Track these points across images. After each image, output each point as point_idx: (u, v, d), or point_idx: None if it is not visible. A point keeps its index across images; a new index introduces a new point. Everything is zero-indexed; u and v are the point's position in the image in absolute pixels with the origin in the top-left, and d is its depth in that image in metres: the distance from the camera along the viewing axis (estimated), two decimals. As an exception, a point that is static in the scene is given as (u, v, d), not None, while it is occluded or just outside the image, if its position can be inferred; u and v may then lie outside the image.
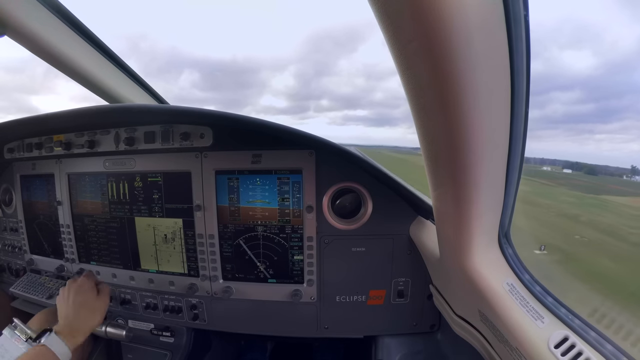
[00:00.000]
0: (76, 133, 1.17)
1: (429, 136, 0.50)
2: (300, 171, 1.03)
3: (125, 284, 1.24)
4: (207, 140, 1.04)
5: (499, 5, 0.37)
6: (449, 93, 0.40)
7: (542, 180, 2.43)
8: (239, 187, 1.07)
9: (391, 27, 0.36)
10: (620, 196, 1.79)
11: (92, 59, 1.23)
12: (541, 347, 0.56)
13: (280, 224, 1.08)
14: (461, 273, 0.70)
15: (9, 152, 1.30)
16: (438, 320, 1.12)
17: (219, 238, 1.10)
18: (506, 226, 0.69)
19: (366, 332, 1.17)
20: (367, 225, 1.06)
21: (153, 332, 1.29)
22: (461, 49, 0.35)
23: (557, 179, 2.52)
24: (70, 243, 1.28)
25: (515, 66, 0.43)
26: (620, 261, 1.37)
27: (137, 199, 1.15)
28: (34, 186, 1.34)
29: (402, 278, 1.09)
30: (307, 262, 1.08)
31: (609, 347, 0.54)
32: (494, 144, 0.50)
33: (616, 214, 1.77)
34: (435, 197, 0.64)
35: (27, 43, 1.02)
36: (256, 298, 1.14)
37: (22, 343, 0.90)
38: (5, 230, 1.47)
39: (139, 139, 1.09)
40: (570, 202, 2.21)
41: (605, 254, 1.49)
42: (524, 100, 0.49)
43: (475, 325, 0.80)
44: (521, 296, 0.63)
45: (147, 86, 1.57)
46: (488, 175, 0.53)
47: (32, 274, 1.41)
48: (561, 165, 2.58)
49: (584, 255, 1.57)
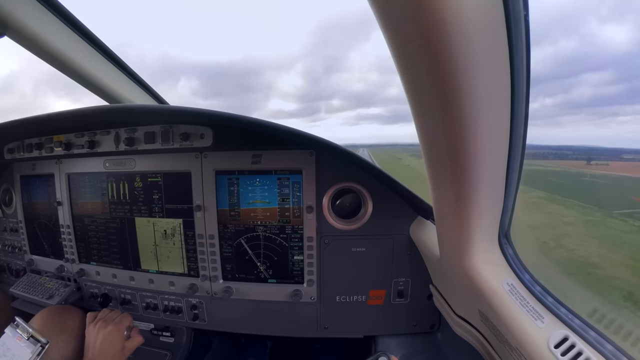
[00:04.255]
0: (76, 133, 1.17)
1: (429, 136, 0.50)
2: (300, 171, 1.03)
3: (126, 284, 1.24)
4: (207, 141, 1.04)
5: (499, 5, 0.37)
6: (449, 93, 0.40)
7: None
8: (239, 188, 1.07)
9: (391, 27, 0.36)
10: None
11: (92, 59, 1.23)
12: (541, 347, 0.56)
13: (281, 224, 1.08)
14: (461, 273, 0.70)
15: (9, 152, 1.30)
16: (438, 320, 1.12)
17: (219, 238, 1.10)
18: (506, 226, 0.69)
19: (366, 332, 1.17)
20: (367, 225, 1.06)
21: (153, 332, 1.30)
22: (461, 49, 0.36)
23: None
24: (70, 243, 1.28)
25: (515, 66, 0.43)
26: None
27: (137, 199, 1.15)
28: (34, 186, 1.34)
29: (402, 278, 1.09)
30: (307, 262, 1.08)
31: (609, 347, 0.54)
32: (494, 144, 0.50)
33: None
34: (435, 197, 0.64)
35: (27, 43, 1.02)
36: (256, 298, 1.14)
37: (23, 341, 0.90)
38: (5, 231, 1.47)
39: (139, 139, 1.09)
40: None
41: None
42: (524, 100, 0.49)
43: (476, 325, 0.81)
44: (521, 296, 0.63)
45: (147, 86, 1.57)
46: (488, 175, 0.53)
47: (32, 274, 1.41)
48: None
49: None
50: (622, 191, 2.48)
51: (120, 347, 1.00)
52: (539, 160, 3.48)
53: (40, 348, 0.90)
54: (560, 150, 2.67)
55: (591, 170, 3.77)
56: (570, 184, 3.97)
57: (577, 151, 4.02)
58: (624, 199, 2.34)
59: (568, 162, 4.35)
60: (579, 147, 4.06)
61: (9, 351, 0.89)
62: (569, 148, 3.15)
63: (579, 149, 3.91)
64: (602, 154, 3.78)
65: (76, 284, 1.31)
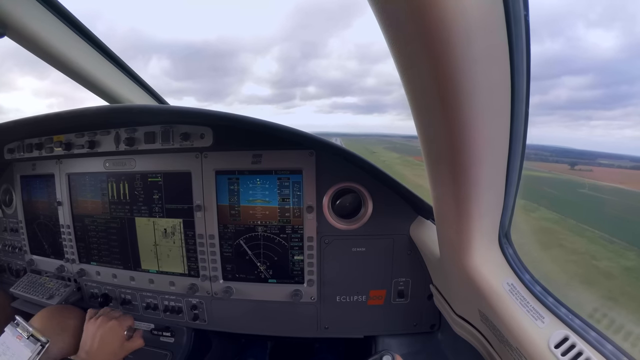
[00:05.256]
0: (76, 133, 1.17)
1: (430, 136, 0.50)
2: (300, 171, 1.03)
3: (126, 284, 1.24)
4: (207, 141, 1.04)
5: (499, 5, 0.37)
6: (449, 93, 0.40)
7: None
8: (239, 188, 1.07)
9: (391, 27, 0.36)
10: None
11: (92, 59, 1.23)
12: (541, 347, 0.56)
13: (281, 224, 1.08)
14: (461, 273, 0.70)
15: (9, 152, 1.30)
16: (438, 320, 1.12)
17: (219, 238, 1.10)
18: (506, 226, 0.69)
19: (366, 332, 1.17)
20: (367, 225, 1.06)
21: (153, 332, 1.30)
22: (461, 49, 0.35)
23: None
24: (70, 243, 1.28)
25: (515, 66, 0.43)
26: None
27: (138, 199, 1.15)
28: (34, 186, 1.34)
29: (402, 278, 1.09)
30: (307, 262, 1.08)
31: (609, 347, 0.54)
32: (494, 143, 0.50)
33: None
34: (435, 197, 0.64)
35: (27, 43, 1.02)
36: (256, 298, 1.14)
37: (23, 340, 0.90)
38: (5, 231, 1.47)
39: (139, 139, 1.09)
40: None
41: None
42: (524, 100, 0.49)
43: (476, 325, 0.81)
44: (521, 296, 0.63)
45: (147, 86, 1.57)
46: (488, 175, 0.53)
47: (32, 274, 1.41)
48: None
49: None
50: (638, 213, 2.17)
51: (119, 345, 1.00)
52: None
53: (40, 347, 0.90)
54: (538, 151, 2.36)
55: (582, 178, 3.45)
56: (571, 198, 3.59)
57: (555, 152, 3.82)
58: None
59: (550, 165, 4.02)
60: (554, 148, 3.76)
61: (8, 350, 0.89)
62: (545, 148, 2.93)
63: (555, 149, 3.70)
64: (579, 156, 3.57)
65: (76, 284, 1.31)
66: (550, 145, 5.30)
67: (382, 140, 40.56)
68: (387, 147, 37.96)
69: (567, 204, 3.33)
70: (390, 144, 35.74)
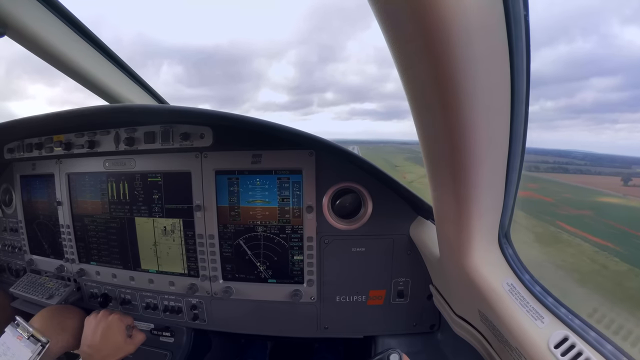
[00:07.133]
0: (76, 133, 1.17)
1: (429, 136, 0.50)
2: (300, 171, 1.03)
3: (126, 284, 1.24)
4: (207, 141, 1.04)
5: (499, 5, 0.37)
6: (449, 93, 0.40)
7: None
8: (239, 187, 1.07)
9: (391, 27, 0.36)
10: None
11: (92, 58, 1.23)
12: (541, 347, 0.56)
13: (280, 224, 1.08)
14: (461, 273, 0.70)
15: (9, 152, 1.30)
16: (438, 320, 1.12)
17: (219, 238, 1.10)
18: (506, 226, 0.69)
19: (366, 332, 1.17)
20: (367, 225, 1.06)
21: (153, 332, 1.30)
22: (461, 49, 0.36)
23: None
24: (70, 243, 1.28)
25: (515, 66, 0.43)
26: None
27: (137, 199, 1.15)
28: (33, 186, 1.34)
29: (402, 278, 1.09)
30: (307, 262, 1.08)
31: (609, 347, 0.54)
32: (494, 144, 0.50)
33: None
34: (435, 197, 0.64)
35: (27, 43, 1.02)
36: (256, 298, 1.14)
37: (24, 341, 0.90)
38: (5, 231, 1.47)
39: (139, 139, 1.09)
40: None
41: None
42: (524, 101, 0.49)
43: (475, 325, 0.81)
44: (521, 296, 0.63)
45: (147, 86, 1.57)
46: (488, 175, 0.53)
47: (32, 274, 1.40)
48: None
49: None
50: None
51: (122, 338, 1.01)
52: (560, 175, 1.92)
53: (40, 347, 0.90)
54: (571, 159, 1.87)
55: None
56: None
57: (591, 160, 3.10)
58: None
59: (594, 177, 3.03)
60: (585, 154, 3.13)
61: (9, 350, 0.89)
62: (568, 154, 2.37)
63: (586, 155, 3.00)
64: (621, 163, 2.79)
65: (76, 284, 1.31)
66: (577, 150, 4.45)
67: (401, 149, 36.99)
68: (408, 157, 32.92)
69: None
70: (410, 152, 32.75)
